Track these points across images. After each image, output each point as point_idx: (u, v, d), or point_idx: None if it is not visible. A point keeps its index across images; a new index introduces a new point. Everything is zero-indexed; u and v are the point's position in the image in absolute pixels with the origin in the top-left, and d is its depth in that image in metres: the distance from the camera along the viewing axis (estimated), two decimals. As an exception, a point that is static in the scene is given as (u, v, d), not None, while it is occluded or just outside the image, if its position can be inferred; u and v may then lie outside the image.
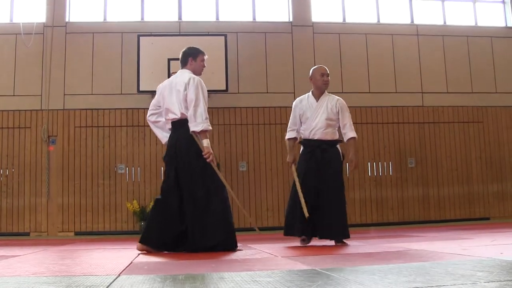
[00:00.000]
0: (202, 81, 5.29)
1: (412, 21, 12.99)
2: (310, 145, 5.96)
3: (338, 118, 5.95)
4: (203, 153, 5.13)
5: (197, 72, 5.47)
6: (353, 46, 12.55)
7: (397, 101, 12.46)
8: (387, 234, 8.04)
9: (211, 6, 12.52)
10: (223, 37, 11.58)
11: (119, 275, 3.20)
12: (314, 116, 5.93)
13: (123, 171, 11.53)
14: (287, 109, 7.61)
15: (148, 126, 5.79)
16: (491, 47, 13.00)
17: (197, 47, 5.58)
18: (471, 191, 12.45)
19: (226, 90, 11.41)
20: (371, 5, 13.01)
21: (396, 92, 12.50)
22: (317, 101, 5.99)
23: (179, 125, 5.26)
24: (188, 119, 5.17)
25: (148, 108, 5.66)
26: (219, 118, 11.78)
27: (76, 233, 11.20)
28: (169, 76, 11.13)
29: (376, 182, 12.19)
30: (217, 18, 12.47)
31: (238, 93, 11.88)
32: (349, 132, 5.94)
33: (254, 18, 12.55)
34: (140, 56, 11.27)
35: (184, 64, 5.50)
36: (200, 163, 5.17)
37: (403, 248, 4.90)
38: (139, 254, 4.88)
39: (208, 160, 5.13)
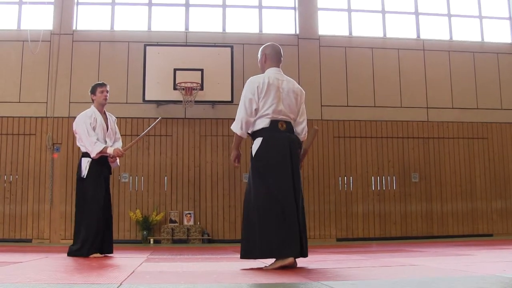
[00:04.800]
0: (82, 116, 6.18)
1: (419, 36, 13.00)
2: None
3: None
4: None
5: (100, 102, 6.31)
6: (359, 60, 12.57)
7: (402, 116, 12.45)
8: (389, 248, 8.01)
9: (218, 17, 12.58)
10: (229, 48, 11.61)
11: (121, 283, 3.19)
12: None
13: (126, 180, 11.53)
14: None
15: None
16: (497, 63, 13.00)
17: (97, 82, 6.48)
18: (474, 207, 12.40)
19: (232, 101, 11.41)
20: (377, 19, 13.05)
21: (401, 107, 12.50)
22: None
23: None
24: None
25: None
26: (223, 129, 11.77)
27: (78, 241, 11.16)
28: (174, 86, 11.17)
29: (379, 196, 12.15)
30: (224, 29, 12.51)
31: (243, 104, 11.86)
32: None
33: (260, 30, 12.59)
34: (146, 66, 11.30)
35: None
36: None
37: (405, 263, 4.88)
38: (141, 263, 4.87)
39: None
